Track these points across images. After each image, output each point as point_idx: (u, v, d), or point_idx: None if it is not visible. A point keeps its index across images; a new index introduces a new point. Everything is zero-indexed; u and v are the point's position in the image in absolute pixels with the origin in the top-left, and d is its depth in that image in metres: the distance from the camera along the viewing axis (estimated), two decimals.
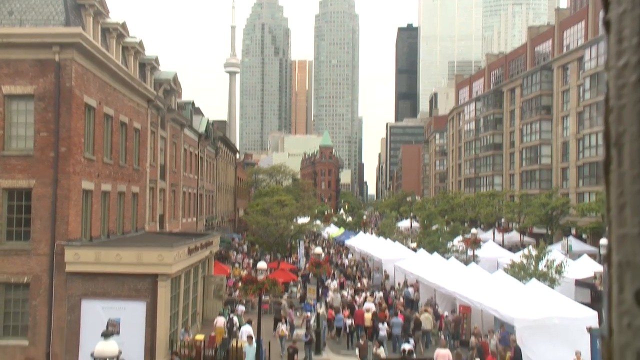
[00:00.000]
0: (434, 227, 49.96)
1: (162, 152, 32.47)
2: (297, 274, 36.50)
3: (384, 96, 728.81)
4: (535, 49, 67.73)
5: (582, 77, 52.94)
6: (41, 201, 19.07)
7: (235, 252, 48.85)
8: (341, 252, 53.36)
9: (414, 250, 40.21)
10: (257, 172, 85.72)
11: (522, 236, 52.59)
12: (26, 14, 20.31)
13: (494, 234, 52.74)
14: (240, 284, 25.43)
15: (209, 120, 47.50)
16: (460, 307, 24.21)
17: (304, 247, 49.23)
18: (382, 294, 29.57)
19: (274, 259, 41.79)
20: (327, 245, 60.55)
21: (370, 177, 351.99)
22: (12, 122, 19.38)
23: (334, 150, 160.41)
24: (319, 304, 26.94)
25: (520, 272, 26.95)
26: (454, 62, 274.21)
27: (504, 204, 57.65)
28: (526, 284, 22.95)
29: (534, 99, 63.06)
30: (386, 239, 45.85)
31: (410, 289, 30.23)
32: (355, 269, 41.59)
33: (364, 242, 47.10)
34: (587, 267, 29.34)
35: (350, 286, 33.71)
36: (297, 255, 44.39)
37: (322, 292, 30.18)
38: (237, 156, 76.90)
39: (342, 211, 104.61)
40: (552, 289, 23.23)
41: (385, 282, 34.60)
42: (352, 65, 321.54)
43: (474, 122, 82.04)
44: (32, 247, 19.06)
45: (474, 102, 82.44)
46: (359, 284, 34.71)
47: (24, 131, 19.39)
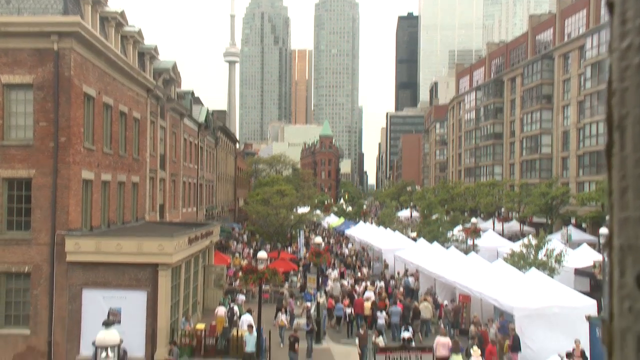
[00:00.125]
0: (434, 217, 50.02)
1: (161, 141, 32.42)
2: (297, 263, 36.61)
3: (384, 86, 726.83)
4: (536, 37, 67.37)
5: (583, 65, 52.71)
6: (41, 191, 19.07)
7: (235, 242, 48.95)
8: (341, 241, 53.48)
9: (414, 239, 40.29)
10: (257, 161, 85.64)
11: (521, 225, 52.70)
12: (24, 3, 20.17)
13: (493, 223, 52.82)
14: (240, 274, 25.52)
15: (208, 110, 47.36)
16: (459, 296, 24.30)
17: (304, 236, 49.33)
18: (382, 284, 29.68)
19: (274, 248, 41.88)
20: (327, 234, 60.67)
21: (370, 166, 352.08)
22: (12, 111, 19.32)
23: (334, 139, 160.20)
24: (319, 293, 27.05)
25: (519, 261, 27.02)
26: (455, 51, 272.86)
27: (504, 194, 57.71)
28: (526, 273, 23.01)
29: (534, 88, 62.84)
30: (386, 229, 45.94)
31: (410, 278, 30.33)
32: (355, 259, 41.70)
33: (364, 232, 47.19)
34: (586, 256, 29.41)
35: (350, 275, 33.82)
36: (297, 244, 44.48)
37: (322, 282, 30.28)
38: (237, 146, 76.79)
39: (342, 201, 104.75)
40: (552, 278, 23.29)
41: (384, 272, 34.70)
42: (352, 54, 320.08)
43: (474, 111, 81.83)
44: (33, 236, 19.09)
45: (474, 92, 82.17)
46: (359, 274, 34.82)
47: (23, 121, 19.34)
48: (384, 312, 23.62)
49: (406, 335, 20.14)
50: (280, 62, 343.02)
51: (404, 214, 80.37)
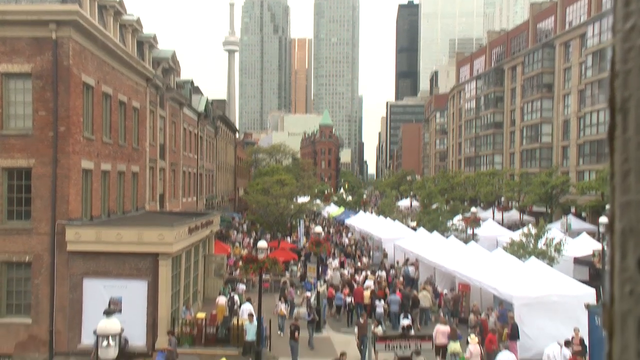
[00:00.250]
0: (434, 206, 50.07)
1: (161, 131, 32.35)
2: (297, 253, 36.69)
3: (384, 75, 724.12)
4: (537, 25, 66.98)
5: (585, 54, 52.47)
6: (41, 180, 19.06)
7: (235, 232, 49.05)
8: (341, 231, 53.59)
9: (414, 229, 40.35)
10: (257, 151, 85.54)
11: (521, 215, 52.77)
12: None
13: (493, 212, 52.89)
14: (240, 263, 25.59)
15: (208, 99, 47.20)
16: (459, 285, 24.40)
17: (304, 226, 49.41)
18: (384, 273, 29.78)
19: (274, 238, 41.97)
20: (327, 224, 60.77)
21: (370, 156, 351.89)
22: (10, 101, 19.26)
23: (333, 129, 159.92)
24: (319, 282, 27.17)
25: (519, 250, 27.10)
26: (455, 40, 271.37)
27: (504, 183, 57.72)
28: (525, 262, 23.09)
29: (535, 76, 62.61)
30: (386, 218, 46.01)
31: (410, 267, 30.41)
32: (354, 248, 41.81)
33: (364, 221, 47.28)
34: (586, 245, 29.49)
35: (350, 265, 33.93)
36: (298, 234, 44.57)
37: (322, 271, 30.40)
38: (237, 135, 76.67)
39: (342, 190, 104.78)
40: (551, 267, 23.37)
41: (384, 261, 34.80)
42: (352, 43, 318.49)
43: (474, 100, 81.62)
44: (33, 226, 19.12)
45: (474, 80, 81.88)
46: (358, 263, 34.93)
47: (22, 110, 19.28)
48: (383, 301, 23.73)
49: (405, 322, 20.26)
50: (279, 51, 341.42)
51: (404, 203, 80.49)
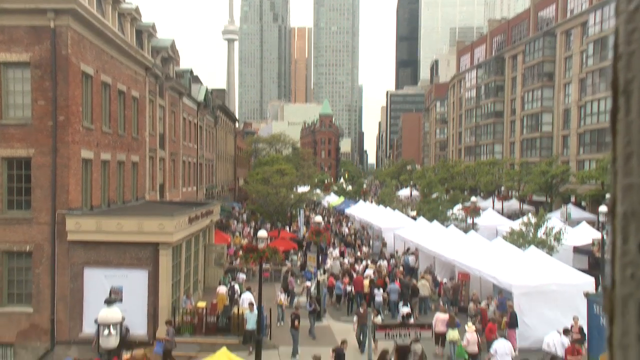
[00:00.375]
0: (434, 196, 50.09)
1: (161, 121, 32.26)
2: (298, 242, 36.75)
3: (384, 64, 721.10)
4: (538, 14, 66.56)
5: (586, 42, 52.18)
6: (41, 170, 19.04)
7: (235, 221, 49.12)
8: (341, 220, 53.66)
9: (414, 218, 40.39)
10: (257, 141, 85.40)
11: (521, 204, 52.79)
12: None
13: (493, 202, 52.92)
14: (240, 253, 25.65)
15: (207, 88, 47.03)
16: (459, 274, 24.47)
17: (304, 215, 49.47)
18: (385, 263, 29.87)
19: (274, 227, 42.03)
20: (327, 214, 60.84)
21: (370, 145, 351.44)
22: (9, 90, 19.19)
23: (333, 118, 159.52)
24: (319, 271, 27.25)
25: (519, 239, 27.14)
26: (456, 28, 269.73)
27: (504, 172, 57.68)
28: (525, 251, 23.13)
29: (536, 65, 62.33)
30: (386, 208, 46.04)
31: (410, 257, 30.50)
32: (354, 237, 41.90)
33: (364, 211, 47.31)
34: (585, 234, 29.55)
35: (350, 254, 34.03)
36: (298, 224, 44.64)
37: (322, 260, 30.49)
38: (237, 125, 76.51)
39: (342, 180, 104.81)
40: (551, 256, 23.42)
41: (383, 250, 34.89)
42: (352, 32, 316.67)
43: (475, 89, 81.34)
44: (33, 215, 19.14)
45: (475, 69, 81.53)
46: (358, 252, 35.01)
47: (21, 100, 19.21)
48: (381, 290, 23.83)
49: (405, 310, 20.36)
50: (279, 40, 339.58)
51: (404, 192, 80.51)
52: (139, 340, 18.50)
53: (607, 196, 38.49)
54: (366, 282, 24.63)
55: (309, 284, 26.31)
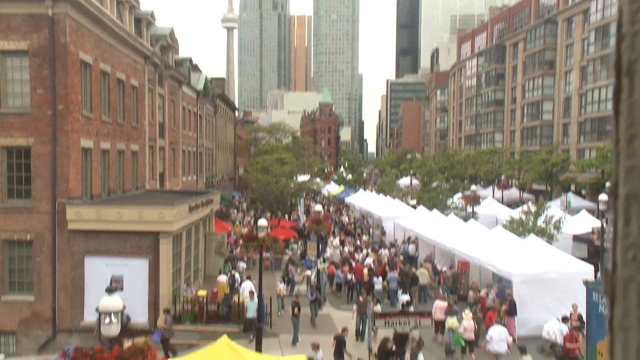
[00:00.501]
0: (434, 184, 50.10)
1: (160, 109, 32.17)
2: (298, 231, 36.81)
3: (384, 52, 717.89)
4: (539, 1, 66.11)
5: (587, 30, 51.87)
6: (41, 159, 19.03)
7: (235, 210, 49.18)
8: (341, 209, 53.72)
9: (414, 207, 40.43)
10: (257, 130, 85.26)
11: (521, 193, 52.83)
12: None
13: (493, 190, 52.96)
14: (241, 241, 25.70)
15: (207, 77, 46.86)
16: (458, 263, 24.55)
17: (304, 204, 49.52)
18: (387, 251, 29.95)
19: (274, 216, 42.10)
20: (327, 203, 60.90)
21: (370, 134, 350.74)
22: (8, 79, 19.11)
23: (333, 107, 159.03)
24: (319, 260, 27.34)
25: (518, 228, 27.19)
26: (457, 16, 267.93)
27: (504, 161, 57.65)
28: (524, 239, 23.18)
29: (537, 53, 62.03)
30: (386, 197, 46.06)
31: (411, 246, 30.57)
32: (354, 226, 41.97)
33: (364, 200, 47.34)
34: (585, 223, 29.58)
35: (350, 243, 34.11)
36: (298, 212, 44.71)
37: (322, 249, 30.58)
38: (236, 114, 76.31)
39: (342, 169, 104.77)
40: (550, 244, 23.47)
41: (382, 239, 34.98)
42: (352, 19, 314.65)
43: (475, 77, 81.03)
44: (34, 205, 19.16)
45: (475, 58, 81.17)
46: (358, 241, 35.09)
47: (20, 88, 19.14)
48: (381, 278, 23.92)
49: (404, 298, 20.48)
50: (279, 28, 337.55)
51: (404, 181, 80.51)
52: (140, 328, 18.59)
53: (607, 185, 38.52)
54: (365, 271, 24.72)
55: (309, 272, 26.40)
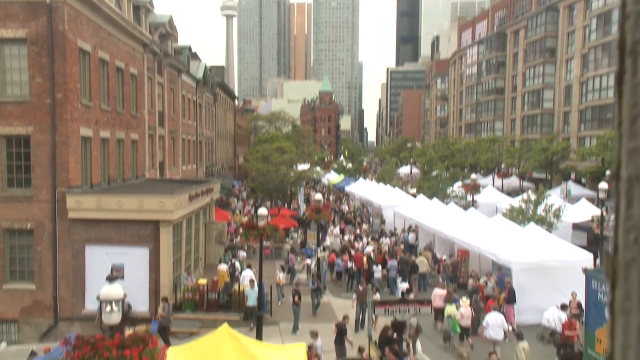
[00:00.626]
0: (434, 173, 50.07)
1: (159, 98, 32.06)
2: (298, 220, 36.86)
3: (384, 40, 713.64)
4: None
5: (589, 17, 51.52)
6: (40, 148, 18.99)
7: (235, 199, 49.20)
8: (341, 198, 53.75)
9: (414, 196, 40.45)
10: (257, 118, 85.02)
11: (521, 181, 52.83)
12: None
13: (493, 179, 52.95)
14: (241, 230, 25.73)
15: (206, 65, 46.63)
16: (458, 251, 24.60)
17: (304, 193, 49.53)
18: (388, 240, 30.01)
19: (274, 205, 42.13)
20: (327, 191, 60.92)
21: (370, 123, 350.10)
22: (6, 67, 19.01)
23: (333, 96, 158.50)
24: (319, 248, 27.41)
25: (518, 216, 27.22)
26: (457, 3, 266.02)
27: (504, 149, 57.58)
28: (524, 227, 23.21)
29: (538, 41, 61.67)
30: (386, 185, 46.06)
31: (411, 234, 30.63)
32: (354, 215, 42.02)
33: (364, 189, 47.34)
34: (585, 211, 29.61)
35: (350, 231, 34.18)
36: (298, 201, 44.74)
37: (322, 237, 30.65)
38: (236, 102, 76.08)
39: (342, 158, 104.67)
40: (550, 232, 23.51)
41: (381, 227, 35.04)
42: (352, 7, 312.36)
43: (476, 66, 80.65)
44: (34, 193, 19.16)
45: (476, 45, 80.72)
46: (358, 230, 35.16)
47: (18, 77, 19.06)
48: (380, 266, 23.99)
49: (404, 286, 20.57)
50: (278, 15, 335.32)
51: (404, 170, 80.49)
52: (141, 316, 18.69)
53: (608, 173, 38.49)
54: (365, 259, 24.78)
55: (309, 261, 26.47)
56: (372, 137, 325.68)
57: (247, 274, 21.24)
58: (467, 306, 17.44)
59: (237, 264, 24.70)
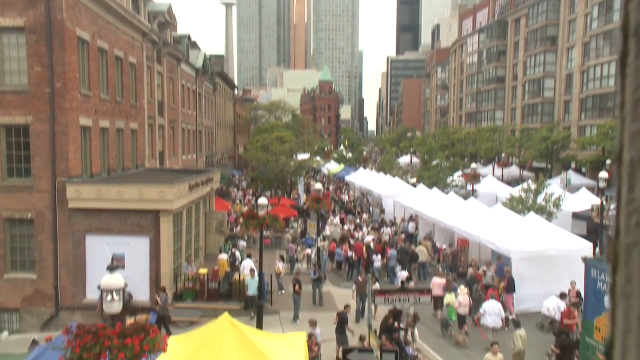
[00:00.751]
0: (434, 163, 50.02)
1: (159, 87, 31.93)
2: (299, 210, 36.90)
3: (385, 28, 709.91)
4: None
5: (591, 5, 51.20)
6: (40, 138, 18.96)
7: (235, 189, 49.22)
8: (341, 188, 53.76)
9: (414, 185, 40.45)
10: (256, 108, 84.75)
11: (521, 170, 52.81)
12: None
13: (493, 168, 52.92)
14: (241, 220, 25.77)
15: (205, 54, 46.40)
16: (458, 241, 24.66)
17: (304, 183, 49.53)
18: (389, 230, 30.06)
19: (274, 195, 42.15)
20: (327, 181, 60.92)
21: (370, 112, 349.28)
22: (4, 56, 18.92)
23: (333, 85, 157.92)
24: (319, 238, 27.47)
25: (518, 205, 27.23)
26: None
27: (505, 139, 57.48)
28: (524, 217, 23.24)
29: (539, 29, 61.34)
30: (386, 175, 46.05)
31: (411, 224, 30.69)
32: (354, 204, 42.05)
33: (364, 178, 47.34)
34: (584, 200, 29.63)
35: (351, 221, 34.24)
36: (298, 191, 44.77)
37: (322, 227, 30.70)
38: (236, 92, 75.81)
39: (342, 147, 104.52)
40: (550, 222, 23.54)
41: (381, 216, 35.09)
42: None
43: (476, 54, 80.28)
44: (34, 183, 19.15)
45: (477, 34, 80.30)
46: (358, 220, 35.21)
47: (17, 66, 18.96)
48: (380, 255, 24.06)
49: (404, 274, 20.67)
50: (278, 4, 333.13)
51: (404, 159, 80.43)
52: (142, 306, 18.77)
53: (608, 162, 38.45)
54: (364, 248, 24.84)
55: (309, 251, 26.53)
56: (372, 126, 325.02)
57: (247, 264, 21.31)
58: (465, 294, 17.54)
59: (237, 254, 24.76)
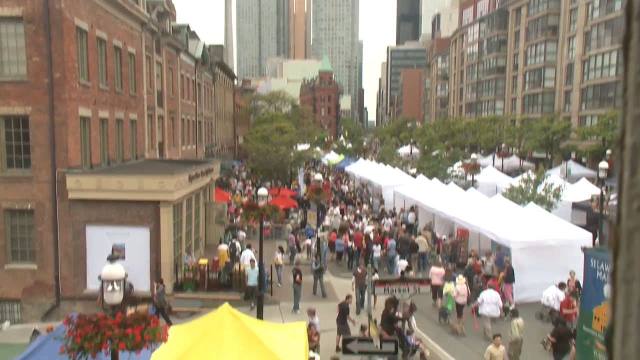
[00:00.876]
0: (434, 153, 49.95)
1: (158, 78, 31.81)
2: (299, 200, 36.91)
3: (385, 18, 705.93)
4: None
5: None
6: (39, 128, 18.91)
7: (235, 180, 49.22)
8: (341, 178, 53.76)
9: (414, 176, 40.44)
10: (256, 98, 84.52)
11: (521, 161, 52.77)
12: None
13: (493, 159, 52.87)
14: (241, 211, 25.78)
15: (205, 44, 46.18)
16: (458, 231, 24.69)
17: (304, 174, 49.51)
18: (390, 221, 30.10)
19: (274, 185, 42.15)
20: (327, 172, 60.89)
21: (370, 102, 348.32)
22: (3, 46, 18.82)
23: (333, 75, 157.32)
24: (318, 228, 27.51)
25: (518, 196, 27.24)
26: None
27: (505, 129, 57.38)
28: (524, 207, 23.25)
29: (540, 18, 61.00)
30: (386, 165, 46.02)
31: (411, 214, 30.72)
32: (354, 195, 42.07)
33: (364, 169, 47.31)
34: (584, 191, 29.62)
35: (351, 212, 34.27)
36: (298, 182, 44.76)
37: (322, 217, 30.74)
38: (235, 82, 75.56)
39: (342, 138, 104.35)
40: (549, 212, 23.55)
41: (381, 207, 35.11)
42: None
43: (477, 44, 79.90)
44: (34, 174, 19.15)
45: (478, 23, 79.86)
46: (358, 210, 35.25)
47: (15, 56, 18.88)
48: (379, 246, 24.12)
49: (404, 263, 20.74)
50: None
51: (404, 150, 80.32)
52: (143, 296, 18.84)
53: (608, 152, 38.41)
54: (364, 239, 24.88)
55: (309, 241, 26.57)
56: (372, 116, 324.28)
57: (248, 254, 21.35)
58: (464, 284, 17.61)
59: (238, 244, 24.80)
